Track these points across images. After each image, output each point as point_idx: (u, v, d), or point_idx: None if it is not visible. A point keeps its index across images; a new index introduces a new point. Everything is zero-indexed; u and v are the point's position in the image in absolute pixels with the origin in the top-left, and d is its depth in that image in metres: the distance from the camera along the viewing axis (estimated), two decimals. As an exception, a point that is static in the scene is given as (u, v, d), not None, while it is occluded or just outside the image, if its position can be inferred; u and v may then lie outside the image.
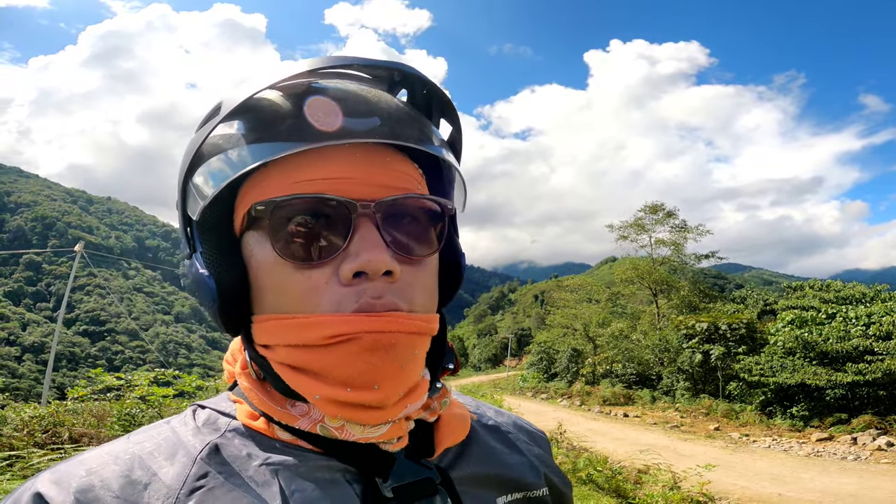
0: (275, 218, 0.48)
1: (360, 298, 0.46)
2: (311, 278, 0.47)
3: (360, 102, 0.50)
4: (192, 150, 0.50)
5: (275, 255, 0.48)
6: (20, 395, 27.42)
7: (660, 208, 26.66)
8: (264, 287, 0.49)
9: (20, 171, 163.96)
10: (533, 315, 78.66)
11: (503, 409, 0.73)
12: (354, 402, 0.47)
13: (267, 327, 0.49)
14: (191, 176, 0.51)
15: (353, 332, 0.45)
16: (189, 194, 0.52)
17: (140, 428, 0.54)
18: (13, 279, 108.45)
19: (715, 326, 17.36)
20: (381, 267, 0.46)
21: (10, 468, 4.11)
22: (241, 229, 0.51)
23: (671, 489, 6.45)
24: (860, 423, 11.84)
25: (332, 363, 0.46)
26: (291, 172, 0.48)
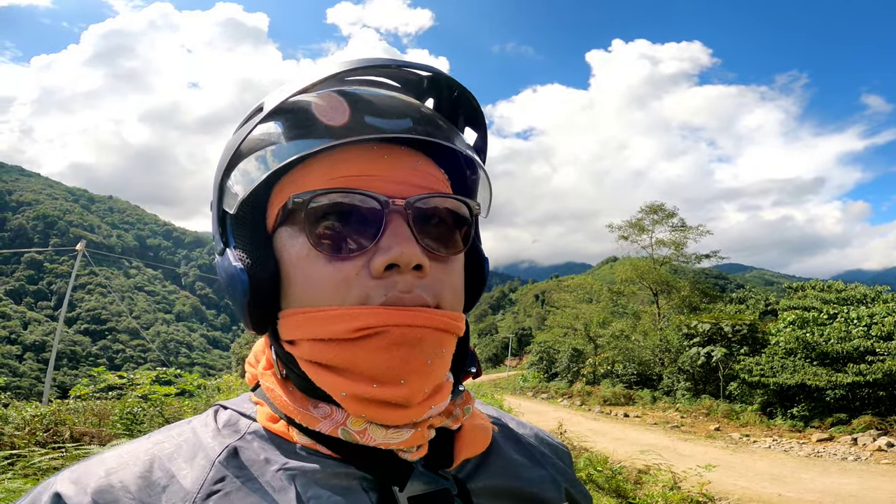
0: (310, 210, 0.49)
1: (388, 291, 0.47)
2: (343, 270, 0.48)
3: (392, 106, 0.52)
4: (232, 147, 0.52)
5: (308, 248, 0.49)
6: (21, 393, 27.48)
7: (660, 209, 26.65)
8: (295, 280, 0.50)
9: (21, 170, 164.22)
10: (534, 315, 78.71)
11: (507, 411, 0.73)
12: (381, 398, 0.47)
13: (294, 321, 0.50)
14: (229, 173, 0.52)
15: (380, 325, 0.46)
16: (226, 191, 0.53)
17: (163, 427, 0.54)
18: (14, 278, 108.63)
19: (717, 327, 17.35)
20: (413, 260, 0.47)
21: (12, 467, 4.12)
22: (274, 225, 0.52)
23: (671, 489, 6.45)
24: (860, 423, 11.83)
25: (359, 357, 0.46)
26: (327, 170, 0.49)
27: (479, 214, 0.56)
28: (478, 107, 0.58)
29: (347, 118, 0.49)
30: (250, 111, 0.53)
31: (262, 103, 0.51)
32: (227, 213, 0.53)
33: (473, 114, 0.59)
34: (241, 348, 39.16)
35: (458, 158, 0.59)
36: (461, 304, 0.54)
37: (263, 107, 0.50)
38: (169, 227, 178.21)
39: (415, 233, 0.48)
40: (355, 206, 0.48)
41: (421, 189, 0.51)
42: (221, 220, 0.54)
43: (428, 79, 0.57)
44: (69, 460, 4.22)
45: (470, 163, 0.59)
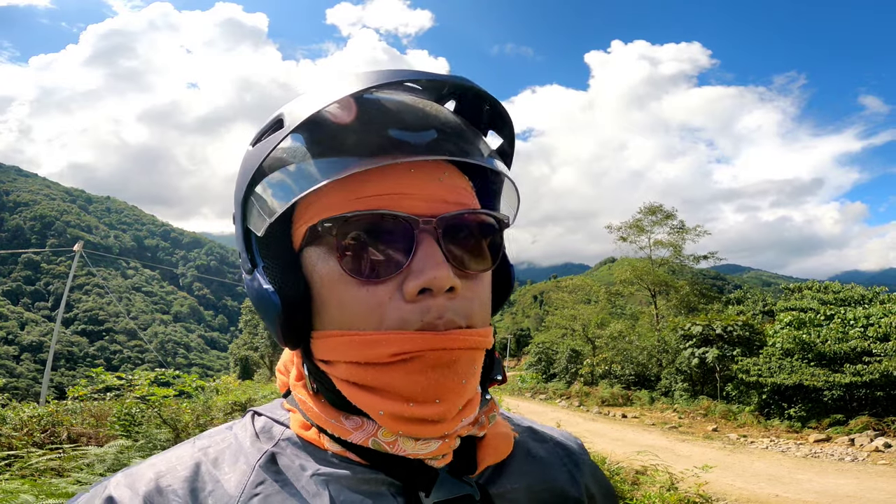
0: (340, 234, 0.48)
1: (424, 317, 0.47)
2: (376, 294, 0.48)
3: (416, 116, 0.51)
4: (255, 163, 0.50)
5: (339, 271, 0.49)
6: (18, 394, 27.40)
7: (658, 209, 26.67)
8: (327, 302, 0.50)
9: (19, 171, 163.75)
10: (532, 315, 78.71)
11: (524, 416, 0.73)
12: (417, 416, 0.48)
13: (329, 343, 0.50)
14: (252, 189, 0.52)
15: (416, 351, 0.46)
16: (250, 208, 0.52)
17: (209, 431, 0.57)
18: (12, 278, 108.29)
19: (710, 328, 17.38)
20: (446, 284, 0.47)
21: (9, 468, 4.11)
22: (300, 244, 0.52)
23: (668, 490, 6.46)
24: (858, 424, 11.85)
25: (396, 380, 0.47)
26: (353, 187, 0.48)
27: (507, 227, 0.56)
28: (502, 109, 0.57)
29: (371, 134, 0.48)
30: (269, 123, 0.52)
31: (280, 116, 0.50)
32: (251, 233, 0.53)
33: (497, 115, 0.58)
34: (239, 349, 39.10)
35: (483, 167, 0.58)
36: (489, 316, 0.55)
37: (284, 122, 0.49)
38: (167, 227, 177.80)
39: (445, 253, 0.48)
40: (386, 227, 0.48)
41: (449, 205, 0.50)
42: (246, 238, 0.54)
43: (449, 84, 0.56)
44: (66, 461, 4.21)
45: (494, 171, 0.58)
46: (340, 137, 0.49)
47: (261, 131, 0.53)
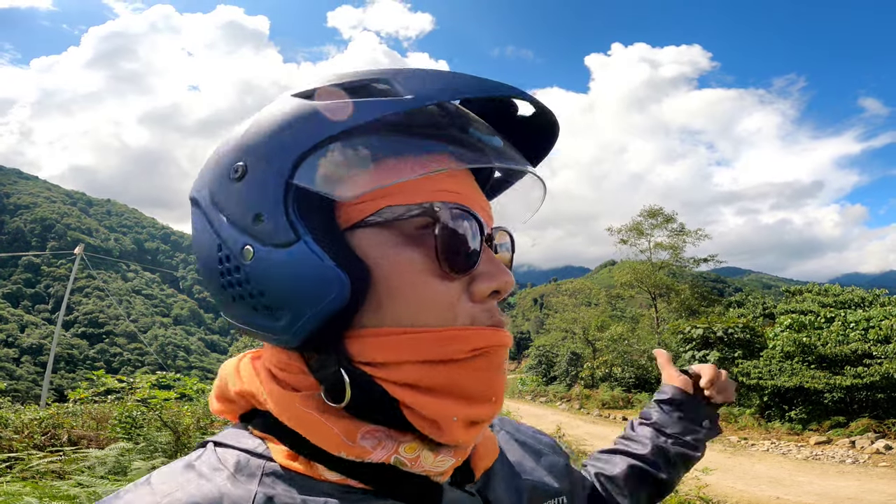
0: (431, 223, 0.46)
1: (492, 317, 0.48)
2: (452, 291, 0.46)
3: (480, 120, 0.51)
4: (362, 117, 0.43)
5: (423, 262, 0.45)
6: (19, 397, 27.36)
7: (658, 212, 26.70)
8: (400, 295, 0.45)
9: (20, 173, 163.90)
10: (532, 318, 78.66)
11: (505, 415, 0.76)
12: (475, 418, 0.47)
13: (390, 342, 0.44)
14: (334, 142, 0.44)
15: (489, 346, 0.46)
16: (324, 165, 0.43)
17: (157, 472, 0.47)
18: (12, 281, 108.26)
19: (710, 331, 17.37)
20: (511, 288, 0.48)
21: (10, 470, 4.12)
22: (355, 222, 0.45)
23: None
24: (858, 426, 11.84)
25: (466, 378, 0.46)
26: (436, 179, 0.46)
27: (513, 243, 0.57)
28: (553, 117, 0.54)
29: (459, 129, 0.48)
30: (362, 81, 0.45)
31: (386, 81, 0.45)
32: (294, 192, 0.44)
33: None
34: (240, 352, 39.03)
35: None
36: None
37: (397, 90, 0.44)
38: (167, 230, 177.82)
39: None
40: (468, 226, 0.47)
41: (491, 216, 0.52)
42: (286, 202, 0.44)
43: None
44: (67, 463, 4.22)
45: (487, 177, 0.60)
46: (453, 126, 0.47)
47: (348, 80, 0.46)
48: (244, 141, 0.46)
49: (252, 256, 0.44)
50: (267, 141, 0.45)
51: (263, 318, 0.46)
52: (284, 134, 0.44)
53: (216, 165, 0.48)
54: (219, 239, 0.47)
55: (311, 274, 0.43)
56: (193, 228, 0.51)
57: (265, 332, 0.46)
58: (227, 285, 0.47)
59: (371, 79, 0.45)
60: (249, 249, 0.44)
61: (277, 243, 0.43)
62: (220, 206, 0.47)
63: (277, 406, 0.46)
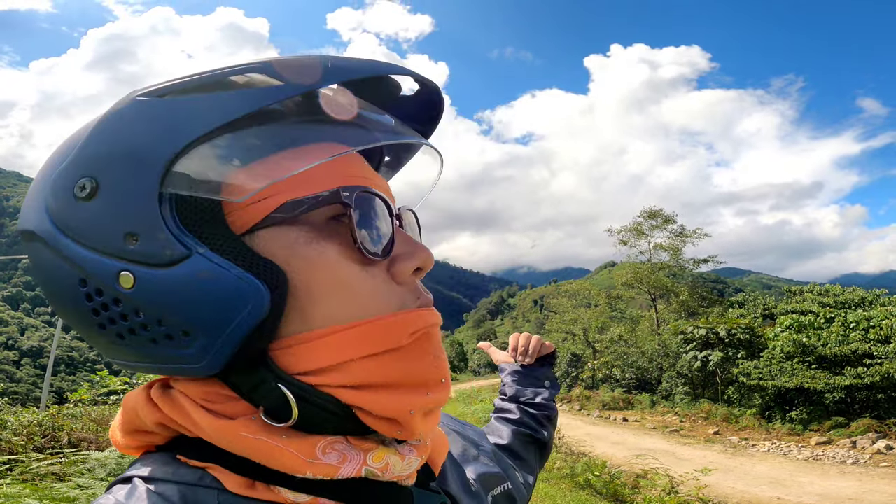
0: (343, 210, 0.43)
1: (419, 297, 0.46)
2: (376, 277, 0.44)
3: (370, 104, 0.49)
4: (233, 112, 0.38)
5: (339, 252, 0.42)
6: (18, 399, 27.35)
7: (658, 213, 26.72)
8: (325, 291, 0.41)
9: (19, 176, 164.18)
10: (532, 320, 78.61)
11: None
12: (432, 406, 0.45)
13: (330, 343, 0.40)
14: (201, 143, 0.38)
15: (426, 327, 0.45)
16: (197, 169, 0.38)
17: None
18: (12, 284, 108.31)
19: (713, 331, 17.37)
20: (432, 263, 0.47)
21: (10, 472, 4.11)
22: (255, 223, 0.41)
23: (669, 493, 6.45)
24: (859, 426, 11.83)
25: (413, 364, 0.44)
26: (334, 165, 0.44)
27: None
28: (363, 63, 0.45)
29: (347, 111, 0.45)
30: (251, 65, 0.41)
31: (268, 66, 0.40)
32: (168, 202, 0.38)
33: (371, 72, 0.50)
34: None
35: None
36: None
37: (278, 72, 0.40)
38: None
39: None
40: (383, 209, 0.45)
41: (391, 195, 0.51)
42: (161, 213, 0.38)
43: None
44: (67, 466, 4.22)
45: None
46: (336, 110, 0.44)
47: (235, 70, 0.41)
48: (86, 153, 0.40)
49: (133, 283, 0.38)
50: (122, 149, 0.39)
51: (166, 348, 0.39)
52: (144, 139, 0.38)
53: (52, 188, 0.41)
54: (80, 272, 0.39)
55: (216, 288, 0.37)
56: (36, 267, 0.42)
57: (173, 365, 0.40)
58: (108, 322, 0.40)
59: (246, 68, 0.41)
60: (128, 276, 0.38)
61: (163, 262, 0.38)
62: (70, 234, 0.39)
63: (216, 435, 0.40)
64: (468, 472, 0.61)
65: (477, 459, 0.64)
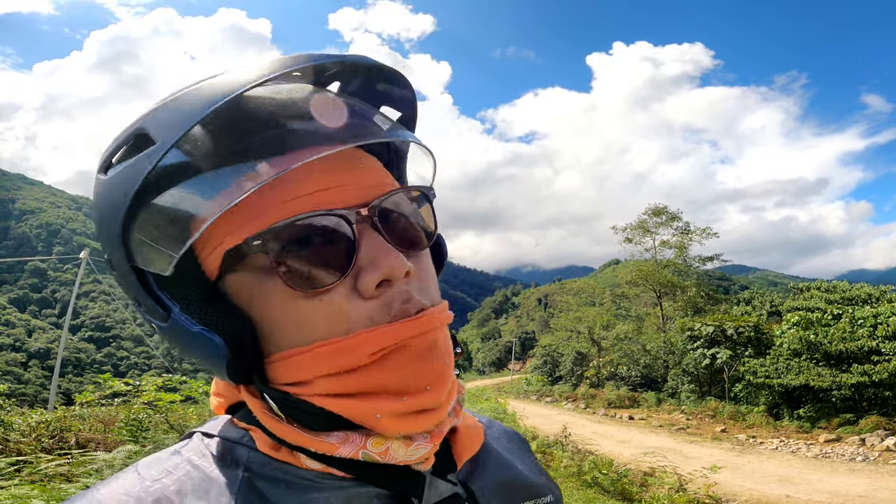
0: (276, 248, 0.43)
1: (391, 309, 0.44)
2: (333, 301, 0.43)
3: (311, 102, 0.46)
4: (126, 193, 0.42)
5: (283, 289, 0.43)
6: (26, 400, 27.50)
7: (663, 211, 26.61)
8: (279, 324, 0.44)
9: (24, 178, 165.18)
10: (537, 318, 78.61)
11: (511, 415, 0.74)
12: (413, 409, 0.45)
13: (296, 363, 0.44)
14: (130, 224, 0.43)
15: (397, 342, 0.43)
16: (137, 247, 0.44)
17: (144, 460, 0.48)
18: (19, 286, 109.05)
19: (721, 329, 17.30)
20: (402, 271, 0.44)
21: (18, 473, 4.13)
22: (218, 271, 0.45)
23: (677, 491, 6.43)
24: (868, 423, 11.77)
25: (383, 378, 0.44)
26: (273, 192, 0.43)
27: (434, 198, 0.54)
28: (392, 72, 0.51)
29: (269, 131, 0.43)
30: (123, 139, 0.44)
31: (143, 130, 0.43)
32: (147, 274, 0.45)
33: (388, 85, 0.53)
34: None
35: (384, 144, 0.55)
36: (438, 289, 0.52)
37: (152, 136, 0.42)
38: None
39: (388, 239, 0.45)
40: (324, 228, 0.44)
41: (375, 188, 0.47)
42: (142, 283, 0.45)
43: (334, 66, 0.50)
44: (75, 466, 4.23)
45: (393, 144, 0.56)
46: (236, 141, 0.43)
47: (110, 153, 0.45)
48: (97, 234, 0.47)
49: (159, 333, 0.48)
50: (102, 231, 0.46)
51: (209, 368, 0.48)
52: (104, 221, 0.45)
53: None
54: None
55: (190, 340, 0.45)
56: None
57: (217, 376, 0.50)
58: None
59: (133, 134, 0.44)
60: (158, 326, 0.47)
61: (159, 319, 0.46)
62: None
63: (251, 407, 0.48)
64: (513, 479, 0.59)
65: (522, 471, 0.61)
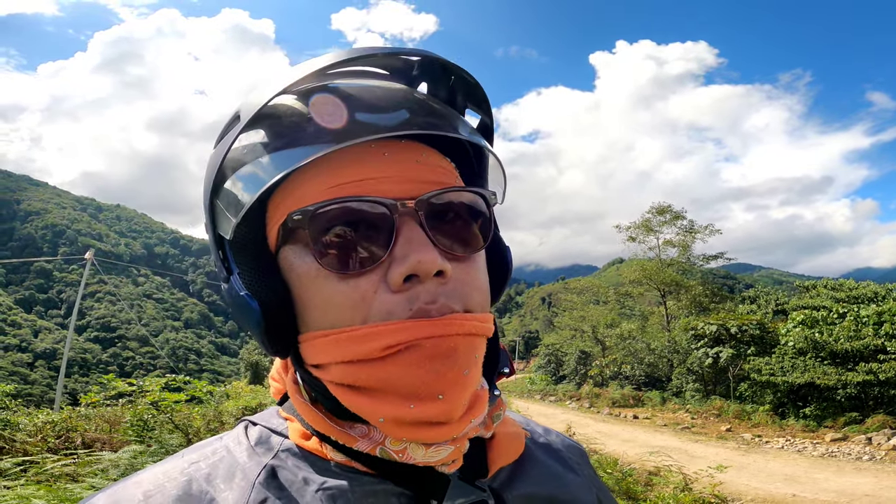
0: (313, 226, 0.45)
1: (413, 305, 0.43)
2: (359, 287, 0.44)
3: (384, 98, 0.48)
4: (215, 165, 0.48)
5: (317, 267, 0.45)
6: (33, 401, 27.66)
7: (667, 210, 26.47)
8: (309, 303, 0.46)
9: (30, 180, 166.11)
10: (540, 317, 78.51)
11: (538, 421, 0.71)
12: (420, 419, 0.44)
13: (316, 345, 0.46)
14: (217, 193, 0.49)
15: (411, 340, 0.43)
16: (218, 213, 0.49)
17: (194, 445, 0.52)
18: (24, 287, 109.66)
19: (724, 328, 17.23)
20: (432, 268, 0.43)
21: (24, 473, 4.15)
22: (276, 244, 0.48)
23: (682, 491, 6.40)
24: (874, 422, 11.70)
25: (393, 376, 0.43)
26: (324, 177, 0.45)
27: (495, 204, 0.53)
28: (477, 84, 0.53)
29: (337, 118, 0.45)
30: (230, 118, 0.49)
31: (238, 110, 0.47)
32: (224, 240, 0.49)
33: (473, 93, 0.54)
34: (250, 354, 39.38)
35: (465, 145, 0.55)
36: (488, 302, 0.51)
37: (240, 115, 0.46)
38: (176, 234, 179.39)
39: (430, 235, 0.45)
40: (363, 214, 0.45)
41: (430, 185, 0.47)
42: (219, 245, 0.50)
43: (418, 62, 0.52)
44: (81, 466, 4.25)
45: (478, 148, 0.56)
46: (303, 126, 0.45)
47: (222, 130, 0.50)
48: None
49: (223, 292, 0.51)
50: (203, 199, 0.51)
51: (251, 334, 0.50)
52: (204, 189, 0.51)
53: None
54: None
55: (237, 302, 0.48)
56: None
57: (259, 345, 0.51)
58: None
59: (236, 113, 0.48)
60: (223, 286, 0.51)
61: (223, 279, 0.50)
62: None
63: (290, 396, 0.52)
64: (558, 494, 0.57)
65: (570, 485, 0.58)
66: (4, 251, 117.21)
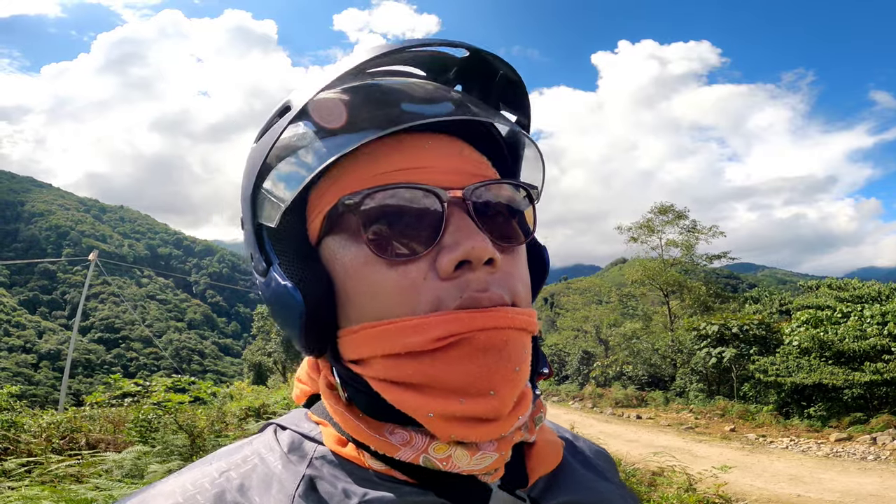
0: (364, 211, 0.44)
1: (463, 293, 0.42)
2: (409, 274, 0.43)
3: (429, 92, 0.49)
4: (262, 154, 0.48)
5: (366, 254, 0.44)
6: (37, 401, 27.77)
7: (669, 209, 26.40)
8: (356, 292, 0.45)
9: (33, 181, 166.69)
10: (543, 318, 78.35)
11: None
12: (470, 415, 0.42)
13: (360, 338, 0.45)
14: (261, 183, 0.48)
15: (463, 332, 0.41)
16: (261, 203, 0.49)
17: (221, 450, 0.50)
18: (28, 288, 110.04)
19: (726, 328, 17.17)
20: (485, 254, 0.43)
21: (29, 474, 4.16)
22: (318, 235, 0.48)
23: (686, 491, 6.38)
24: (879, 422, 11.65)
25: (442, 370, 0.42)
26: (370, 165, 0.46)
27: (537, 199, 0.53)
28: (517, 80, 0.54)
29: (382, 109, 0.46)
30: (274, 112, 0.49)
31: (287, 102, 0.48)
32: (263, 228, 0.49)
33: (511, 91, 0.55)
34: (253, 355, 39.38)
35: (499, 144, 0.56)
36: (531, 297, 0.51)
37: (291, 106, 0.47)
38: (179, 235, 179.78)
39: (479, 224, 0.44)
40: (413, 201, 0.44)
41: (474, 177, 0.47)
42: (258, 238, 0.50)
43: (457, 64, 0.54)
44: (85, 467, 4.26)
45: (512, 148, 0.57)
46: (351, 115, 0.46)
47: (265, 124, 0.51)
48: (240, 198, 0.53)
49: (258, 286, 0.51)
50: (242, 193, 0.51)
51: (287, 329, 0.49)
52: (244, 182, 0.50)
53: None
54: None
55: (279, 294, 0.46)
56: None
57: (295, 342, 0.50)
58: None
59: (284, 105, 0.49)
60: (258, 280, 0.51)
61: (261, 272, 0.49)
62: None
63: (323, 398, 0.49)
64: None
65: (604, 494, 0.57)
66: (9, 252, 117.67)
